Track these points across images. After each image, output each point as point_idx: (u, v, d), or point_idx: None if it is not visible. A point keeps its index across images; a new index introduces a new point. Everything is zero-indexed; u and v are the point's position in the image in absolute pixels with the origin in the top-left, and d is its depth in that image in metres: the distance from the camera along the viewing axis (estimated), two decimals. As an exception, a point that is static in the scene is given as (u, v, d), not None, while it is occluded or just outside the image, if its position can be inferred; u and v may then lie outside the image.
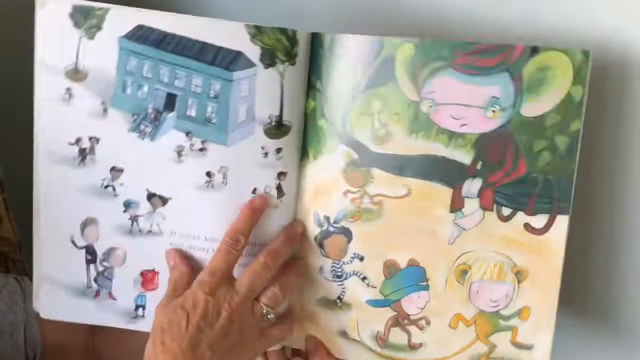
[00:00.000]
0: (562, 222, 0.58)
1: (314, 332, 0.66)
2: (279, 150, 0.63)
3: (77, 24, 0.61)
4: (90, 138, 0.63)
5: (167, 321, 0.58)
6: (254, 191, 0.63)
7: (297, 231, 0.64)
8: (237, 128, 0.62)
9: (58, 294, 0.66)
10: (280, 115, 0.62)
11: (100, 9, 0.61)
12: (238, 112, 0.62)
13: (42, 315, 0.67)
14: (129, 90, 0.62)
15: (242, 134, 0.62)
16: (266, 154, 0.63)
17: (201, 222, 0.64)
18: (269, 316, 0.62)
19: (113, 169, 0.64)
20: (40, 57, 0.62)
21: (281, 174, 0.64)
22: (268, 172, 0.63)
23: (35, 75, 0.62)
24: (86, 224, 0.65)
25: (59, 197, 0.64)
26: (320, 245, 0.64)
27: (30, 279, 0.69)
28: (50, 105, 0.62)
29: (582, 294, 0.66)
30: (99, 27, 0.61)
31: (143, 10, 0.61)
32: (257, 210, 0.62)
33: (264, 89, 0.62)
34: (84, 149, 0.63)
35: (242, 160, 0.63)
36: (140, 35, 0.61)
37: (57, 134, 0.63)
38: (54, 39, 0.61)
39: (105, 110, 0.62)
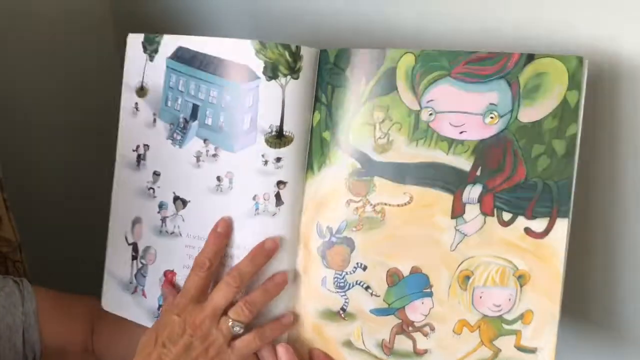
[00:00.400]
0: (562, 226, 0.59)
1: (317, 344, 0.67)
2: (278, 159, 0.65)
3: (144, 50, 0.71)
4: (144, 145, 0.71)
5: (143, 341, 0.64)
6: (254, 197, 0.66)
7: (265, 248, 0.66)
8: (242, 136, 0.66)
9: (115, 288, 0.73)
10: (281, 125, 0.64)
11: (159, 36, 0.70)
12: (243, 121, 0.66)
13: (105, 307, 0.74)
14: (169, 103, 0.70)
15: (246, 141, 0.66)
16: (266, 162, 0.65)
17: (210, 225, 0.67)
18: (235, 329, 0.64)
19: (154, 172, 0.70)
20: (125, 79, 0.73)
21: (280, 183, 0.65)
22: (267, 180, 0.65)
23: (122, 93, 0.74)
24: (135, 222, 0.72)
25: (124, 197, 0.73)
26: (323, 257, 0.65)
27: (29, 280, 0.74)
28: (125, 117, 0.73)
29: (584, 297, 0.67)
30: (156, 51, 0.70)
31: (182, 35, 0.69)
32: (220, 234, 0.66)
33: (266, 100, 0.65)
34: (140, 155, 0.72)
35: (245, 167, 0.66)
36: (180, 55, 0.69)
37: (127, 141, 0.73)
38: (132, 63, 0.72)
39: (154, 121, 0.71)
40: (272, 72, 0.64)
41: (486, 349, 0.62)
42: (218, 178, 0.66)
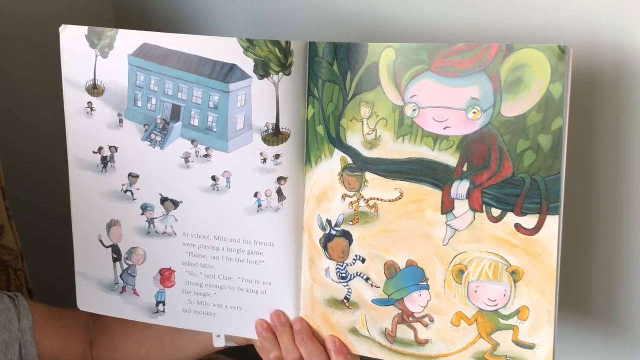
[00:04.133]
0: (552, 222, 0.56)
1: (326, 330, 0.69)
2: (277, 156, 0.66)
3: (92, 45, 0.67)
4: (110, 147, 0.70)
5: None
6: (256, 195, 0.67)
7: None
8: (236, 136, 0.66)
9: (91, 288, 0.74)
10: (277, 123, 0.65)
11: (110, 30, 0.67)
12: (236, 121, 0.66)
13: (80, 307, 0.75)
14: (139, 103, 0.68)
15: (241, 141, 0.66)
16: (264, 160, 0.66)
17: (210, 223, 0.69)
18: None
19: (130, 175, 0.70)
20: (65, 75, 0.69)
21: (281, 179, 0.66)
22: (268, 177, 0.66)
23: (64, 91, 0.70)
24: (111, 225, 0.72)
25: (87, 200, 0.72)
26: (325, 248, 0.67)
27: (30, 289, 0.74)
28: (76, 117, 0.70)
29: (584, 293, 0.64)
30: (110, 47, 0.67)
31: (146, 32, 0.67)
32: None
33: (259, 99, 0.65)
34: (105, 157, 0.70)
35: (243, 166, 0.67)
36: (146, 52, 0.66)
37: (82, 143, 0.70)
38: (75, 58, 0.68)
39: (121, 122, 0.69)
40: (263, 70, 0.64)
41: (485, 342, 0.62)
42: (213, 178, 0.67)
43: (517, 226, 0.58)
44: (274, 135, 0.65)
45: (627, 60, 0.56)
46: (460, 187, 0.59)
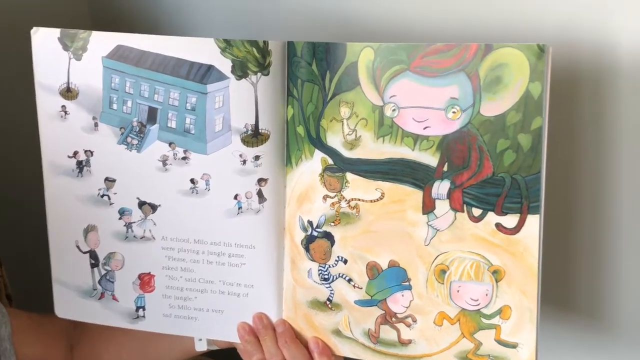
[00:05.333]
0: (533, 222, 0.56)
1: (309, 332, 0.68)
2: (257, 157, 0.65)
3: (65, 47, 0.66)
4: (86, 151, 0.69)
5: None
6: (236, 197, 0.66)
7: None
8: (214, 137, 0.66)
9: (69, 295, 0.73)
10: (256, 124, 0.64)
11: (83, 32, 0.66)
12: (214, 123, 0.65)
13: (58, 315, 0.74)
14: (115, 106, 0.67)
15: (220, 143, 0.65)
16: (244, 162, 0.65)
17: (190, 226, 0.68)
18: None
19: (107, 179, 0.69)
20: (38, 79, 0.68)
21: (261, 180, 0.66)
22: (248, 179, 0.66)
23: (36, 96, 0.69)
24: (88, 230, 0.71)
25: (63, 206, 0.70)
26: (307, 250, 0.66)
27: (8, 295, 0.72)
28: (50, 121, 0.68)
29: (566, 292, 0.64)
30: (84, 49, 0.66)
31: (120, 33, 0.65)
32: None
33: (238, 100, 0.64)
34: (81, 161, 0.69)
35: (222, 168, 0.66)
36: (120, 54, 0.65)
37: (57, 147, 0.69)
38: (47, 61, 0.67)
39: (96, 125, 0.68)
40: (241, 70, 0.63)
41: (467, 342, 0.62)
42: (192, 180, 0.67)
43: (498, 226, 0.58)
44: (254, 137, 0.65)
45: (607, 59, 0.56)
46: (441, 187, 0.59)
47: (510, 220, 0.57)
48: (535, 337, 0.59)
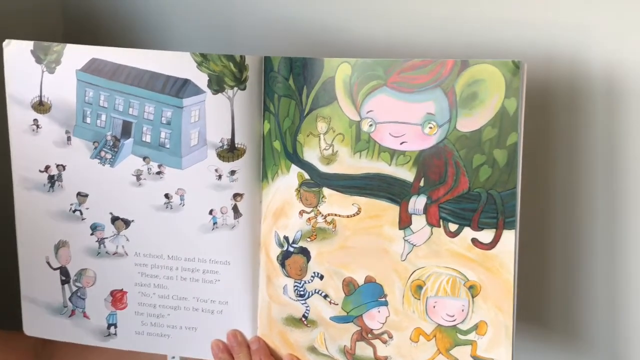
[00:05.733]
0: (509, 237, 0.56)
1: (284, 349, 0.68)
2: (232, 172, 0.65)
3: (38, 60, 0.66)
4: (58, 165, 0.68)
5: None
6: (211, 212, 0.66)
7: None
8: (190, 152, 0.65)
9: (39, 312, 0.71)
10: (232, 139, 0.64)
11: (57, 45, 0.65)
12: (190, 137, 0.65)
13: (26, 332, 0.72)
14: (88, 120, 0.66)
15: (195, 157, 0.65)
16: (220, 176, 0.65)
17: (163, 242, 0.67)
18: None
19: (79, 194, 0.68)
20: (9, 92, 0.67)
21: (237, 195, 0.65)
22: (223, 194, 0.65)
23: (8, 109, 0.67)
24: (59, 246, 0.69)
25: (34, 221, 0.69)
26: (282, 266, 0.66)
27: None
28: (21, 135, 0.67)
29: (541, 307, 0.64)
30: (57, 62, 0.65)
31: (95, 46, 0.65)
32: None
33: (214, 114, 0.64)
34: (53, 176, 0.68)
35: (197, 183, 0.65)
36: (95, 68, 0.65)
37: (28, 162, 0.68)
38: (19, 74, 0.66)
39: (69, 139, 0.67)
40: (217, 84, 0.63)
41: (444, 358, 0.62)
42: (167, 195, 0.66)
43: (474, 241, 0.58)
44: (230, 151, 0.64)
45: (581, 76, 0.57)
46: (418, 202, 0.59)
47: (486, 236, 0.57)
48: (511, 353, 0.59)
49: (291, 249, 0.65)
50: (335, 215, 0.62)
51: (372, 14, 0.70)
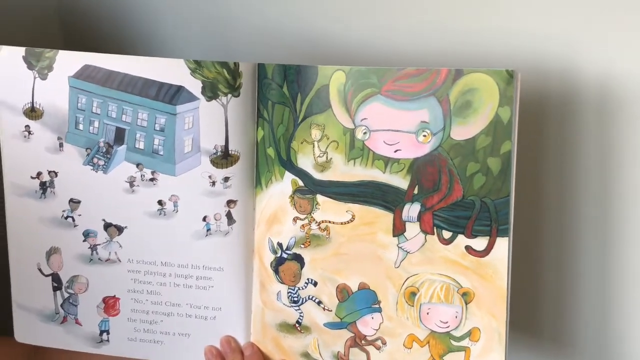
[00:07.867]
0: (502, 245, 0.57)
1: (278, 355, 0.68)
2: (226, 179, 0.64)
3: (30, 66, 0.65)
4: (50, 172, 0.67)
5: None
6: (205, 219, 0.65)
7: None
8: (183, 159, 0.65)
9: (30, 319, 0.71)
10: (226, 145, 0.64)
11: (49, 51, 0.65)
12: (184, 144, 0.64)
13: (17, 339, 0.71)
14: (81, 126, 0.66)
15: (189, 164, 0.65)
16: (213, 183, 0.65)
17: (157, 249, 0.67)
18: None
19: (71, 200, 0.67)
20: (1, 98, 0.67)
21: (230, 202, 0.65)
22: (217, 201, 0.65)
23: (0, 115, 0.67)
24: (50, 253, 0.69)
25: (25, 228, 0.69)
26: (276, 272, 0.66)
27: None
28: (13, 141, 0.67)
29: (534, 315, 0.65)
30: (50, 68, 0.65)
31: (87, 53, 0.64)
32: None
33: (207, 121, 0.64)
34: (45, 182, 0.68)
35: (191, 190, 0.65)
36: (88, 74, 0.64)
37: (20, 168, 0.67)
38: (11, 80, 0.66)
39: (61, 146, 0.66)
40: (211, 91, 0.63)
41: (437, 364, 0.62)
42: (160, 202, 0.66)
43: (468, 248, 0.58)
44: (223, 158, 0.64)
45: (575, 85, 0.57)
46: (412, 210, 0.59)
47: (480, 243, 0.58)
48: (503, 359, 0.59)
49: (285, 256, 0.65)
50: (329, 222, 0.62)
51: (367, 23, 0.71)
